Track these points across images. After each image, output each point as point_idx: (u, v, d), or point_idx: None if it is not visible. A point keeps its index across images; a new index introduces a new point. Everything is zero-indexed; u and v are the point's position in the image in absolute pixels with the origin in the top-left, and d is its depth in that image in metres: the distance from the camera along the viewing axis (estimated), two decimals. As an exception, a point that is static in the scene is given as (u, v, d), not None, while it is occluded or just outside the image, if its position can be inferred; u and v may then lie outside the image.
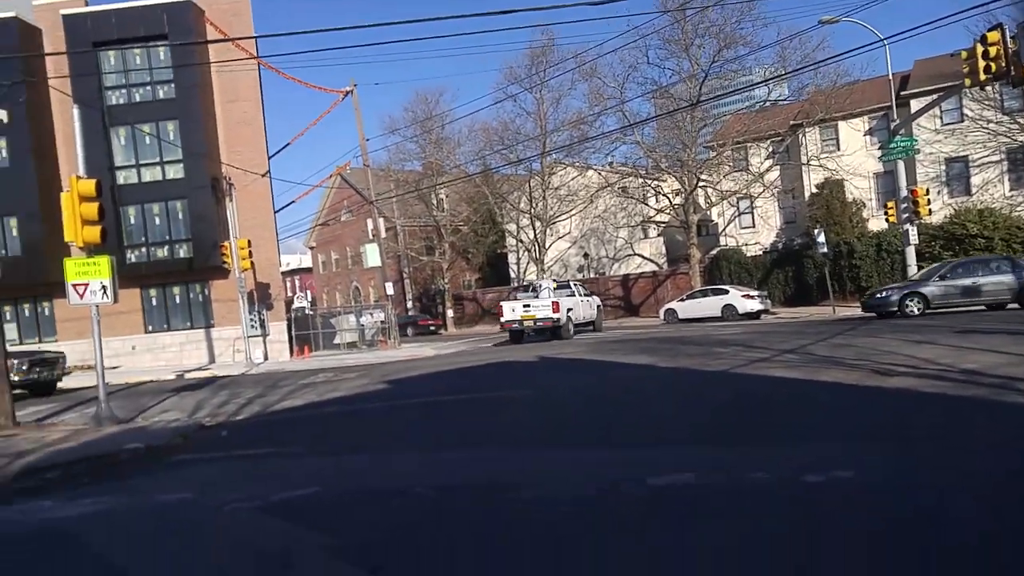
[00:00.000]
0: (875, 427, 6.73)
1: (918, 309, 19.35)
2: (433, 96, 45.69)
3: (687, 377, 11.42)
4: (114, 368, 22.91)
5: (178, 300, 26.52)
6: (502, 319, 24.62)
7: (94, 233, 10.98)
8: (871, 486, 4.89)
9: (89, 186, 10.98)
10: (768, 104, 36.36)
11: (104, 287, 10.80)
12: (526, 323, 23.97)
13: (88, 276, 10.78)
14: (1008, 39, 15.24)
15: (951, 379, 8.61)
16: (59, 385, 18.12)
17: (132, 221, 25.49)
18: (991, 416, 6.78)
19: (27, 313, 26.20)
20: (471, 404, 10.74)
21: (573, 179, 39.95)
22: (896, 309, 19.50)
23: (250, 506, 5.51)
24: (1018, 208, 28.90)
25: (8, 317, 25.36)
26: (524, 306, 24.13)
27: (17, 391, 15.96)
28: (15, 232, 24.62)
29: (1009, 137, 29.57)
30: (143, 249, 25.45)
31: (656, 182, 35.78)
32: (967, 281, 19.57)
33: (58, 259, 12.22)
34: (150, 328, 25.93)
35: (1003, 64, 15.28)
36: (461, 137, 45.56)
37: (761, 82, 34.47)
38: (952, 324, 15.64)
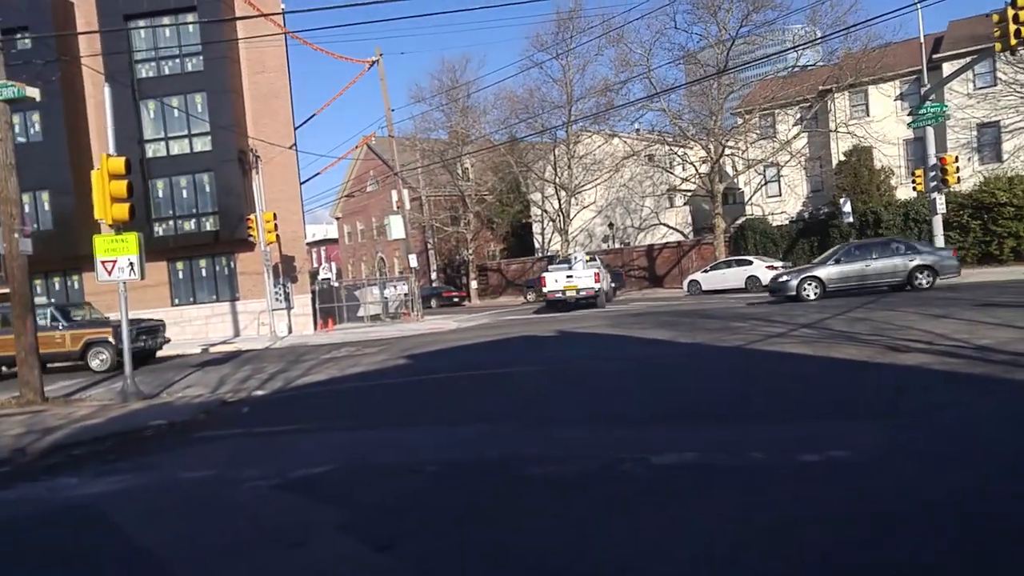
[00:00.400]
0: (878, 405, 6.78)
1: (815, 293, 18.98)
2: (460, 64, 45.68)
3: (702, 353, 11.51)
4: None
5: (204, 273, 26.98)
6: (545, 289, 25.71)
7: (123, 210, 11.23)
8: (863, 465, 4.99)
9: (119, 164, 11.22)
10: (797, 69, 35.58)
11: (132, 264, 11.11)
12: (568, 293, 25.08)
13: (116, 253, 11.08)
14: (1041, 2, 14.76)
15: (964, 356, 8.60)
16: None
17: (160, 194, 25.93)
18: (995, 393, 6.79)
19: (57, 287, 26.89)
20: (486, 380, 10.94)
21: (599, 147, 39.64)
22: (794, 293, 19.13)
23: (268, 483, 5.78)
24: (1051, 176, 28.06)
25: (39, 291, 26.05)
26: (567, 277, 25.33)
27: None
28: (47, 206, 25.18)
29: (1044, 102, 28.68)
30: (170, 222, 25.92)
31: (682, 150, 35.37)
32: (860, 264, 19.22)
33: (88, 233, 12.56)
34: (176, 301, 26.50)
35: (1035, 29, 14.82)
36: (487, 105, 45.41)
37: (791, 48, 33.72)
38: (974, 297, 15.44)
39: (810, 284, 19.11)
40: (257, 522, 4.95)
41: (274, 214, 24.18)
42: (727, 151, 33.79)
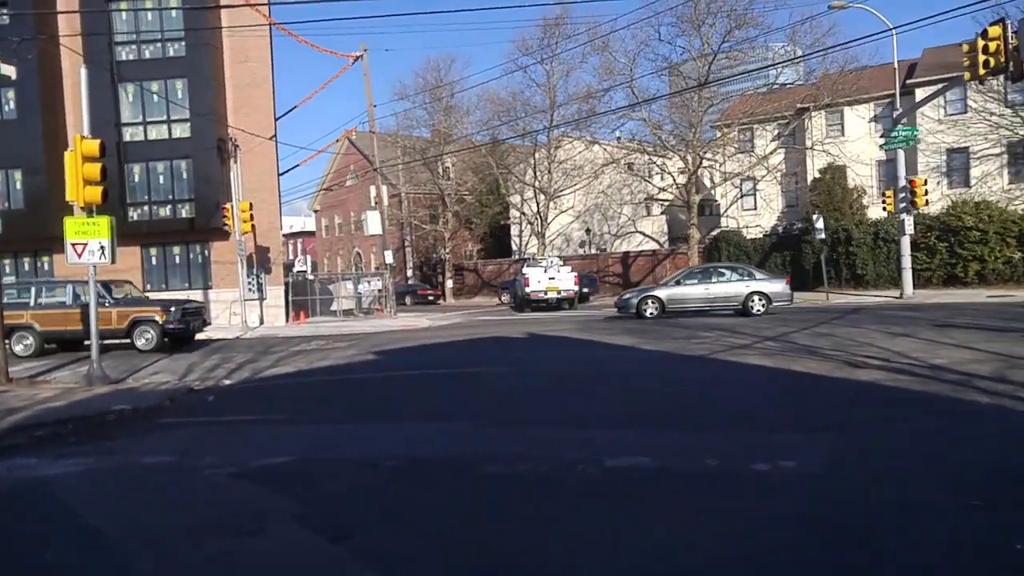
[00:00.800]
0: (830, 418, 6.99)
1: (653, 312, 19.74)
2: (445, 63, 45.64)
3: (665, 361, 11.70)
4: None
5: (178, 260, 26.75)
6: (528, 289, 26.59)
7: (95, 193, 11.09)
8: (809, 476, 5.17)
9: (93, 147, 11.08)
10: (776, 87, 36.15)
11: (103, 247, 10.99)
12: (550, 294, 26.38)
13: (87, 236, 10.95)
14: (1009, 34, 15.20)
15: (917, 374, 8.87)
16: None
17: (136, 179, 25.61)
18: (941, 410, 7.06)
19: (26, 267, 26.47)
20: (451, 379, 11.04)
21: (579, 153, 39.88)
22: (635, 311, 19.93)
23: (227, 471, 5.83)
24: (1015, 201, 28.90)
25: (8, 271, 25.61)
26: (550, 278, 26.41)
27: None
28: (19, 185, 24.78)
29: (1010, 130, 29.51)
30: (145, 207, 25.58)
31: (661, 160, 35.75)
32: (701, 288, 20.18)
33: (60, 214, 12.39)
34: (148, 287, 26.16)
35: (1002, 59, 15.26)
36: (470, 106, 45.39)
37: (770, 65, 34.27)
38: (936, 318, 15.85)
39: (651, 303, 19.94)
40: (213, 509, 5.01)
41: (250, 204, 24.06)
42: (705, 163, 34.23)
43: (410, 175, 45.75)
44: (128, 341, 16.52)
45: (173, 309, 16.87)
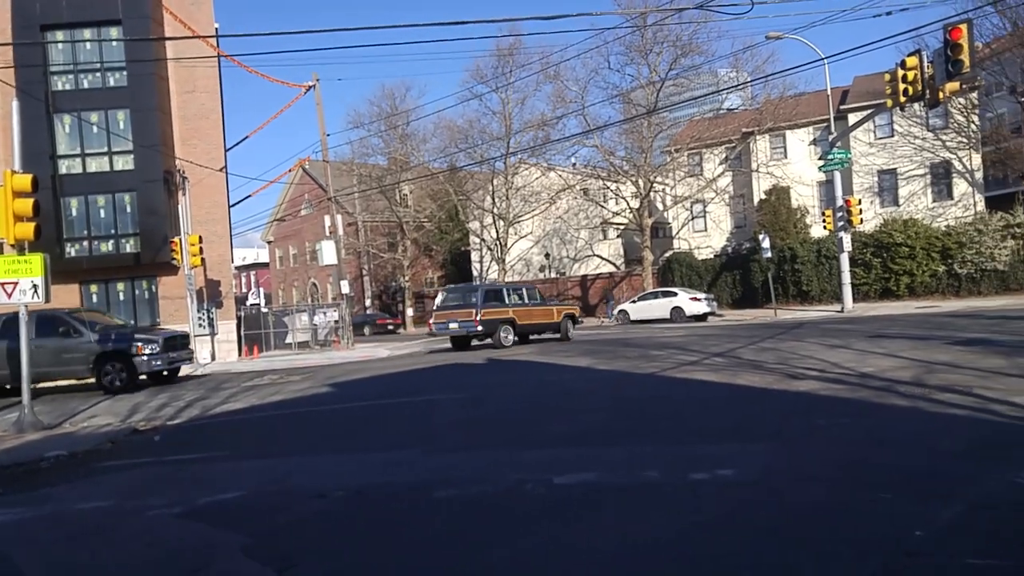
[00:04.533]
0: (768, 428, 7.31)
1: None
2: (400, 92, 45.91)
3: (617, 379, 11.97)
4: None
5: (122, 297, 25.71)
6: None
7: (27, 230, 10.66)
8: (744, 483, 5.41)
9: (24, 181, 10.69)
10: (722, 111, 37.38)
11: (35, 286, 10.52)
12: None
13: (18, 274, 10.49)
14: (925, 64, 16.15)
15: (848, 383, 9.30)
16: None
17: (74, 213, 24.46)
18: (865, 415, 7.44)
19: (-45, 307, 25.47)
20: (405, 407, 11.08)
21: (536, 180, 40.49)
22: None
23: (172, 512, 5.75)
24: (938, 219, 30.53)
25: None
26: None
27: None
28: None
29: (932, 152, 31.30)
30: (85, 243, 24.51)
31: (615, 185, 36.53)
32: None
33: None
34: (90, 325, 25.51)
35: (919, 87, 16.21)
36: (427, 134, 45.87)
37: (716, 91, 35.47)
38: (868, 329, 16.50)
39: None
40: (157, 549, 4.96)
41: (200, 237, 23.71)
42: (656, 187, 35.13)
43: (367, 203, 45.75)
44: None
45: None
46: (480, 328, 20.41)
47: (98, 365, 15.70)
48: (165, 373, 17.34)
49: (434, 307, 22.99)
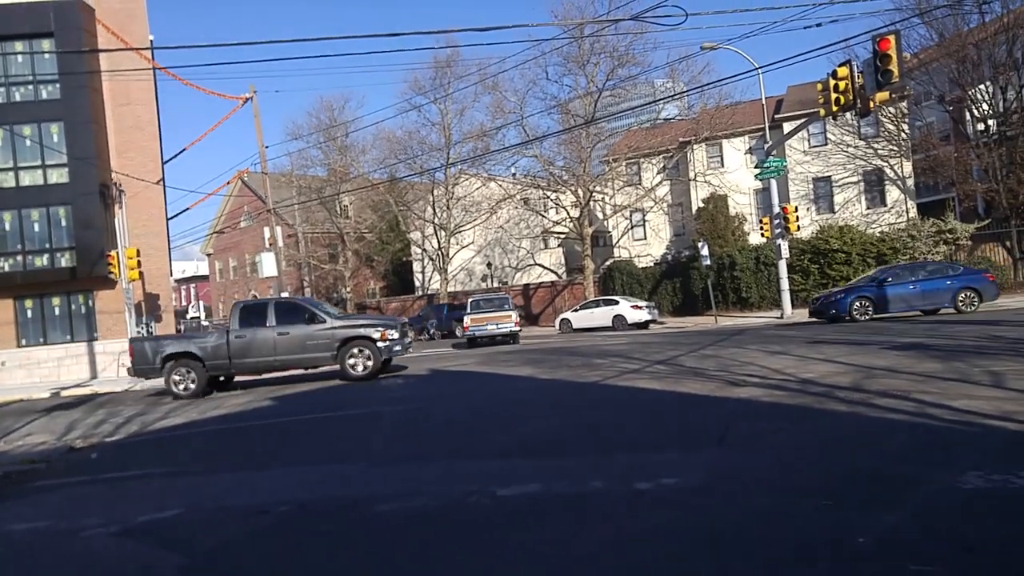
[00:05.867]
0: (710, 435, 7.43)
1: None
2: (338, 103, 45.50)
3: (560, 388, 12.04)
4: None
5: (57, 312, 25.28)
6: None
7: None
8: (687, 490, 5.50)
9: None
10: (660, 122, 38.16)
11: (-33, 303, 10.40)
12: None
13: (-51, 292, 10.37)
14: (856, 74, 16.78)
15: (789, 389, 9.55)
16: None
17: (7, 227, 24.14)
18: (807, 421, 7.64)
19: None
20: (347, 421, 10.94)
21: (477, 190, 40.56)
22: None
23: (108, 531, 5.61)
24: (872, 225, 31.68)
25: None
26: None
27: None
28: None
29: (865, 160, 32.48)
30: (18, 257, 24.17)
31: (555, 194, 36.90)
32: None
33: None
34: (24, 342, 24.63)
35: (851, 97, 16.81)
36: (366, 145, 45.54)
37: (652, 101, 36.18)
38: (808, 335, 17.02)
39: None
40: (92, 570, 4.84)
41: (137, 250, 23.10)
42: (596, 196, 35.57)
43: (307, 214, 45.11)
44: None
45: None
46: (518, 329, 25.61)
47: (341, 351, 15.76)
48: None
49: (467, 312, 26.71)
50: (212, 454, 9.32)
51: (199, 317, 39.97)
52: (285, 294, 28.58)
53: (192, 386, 15.68)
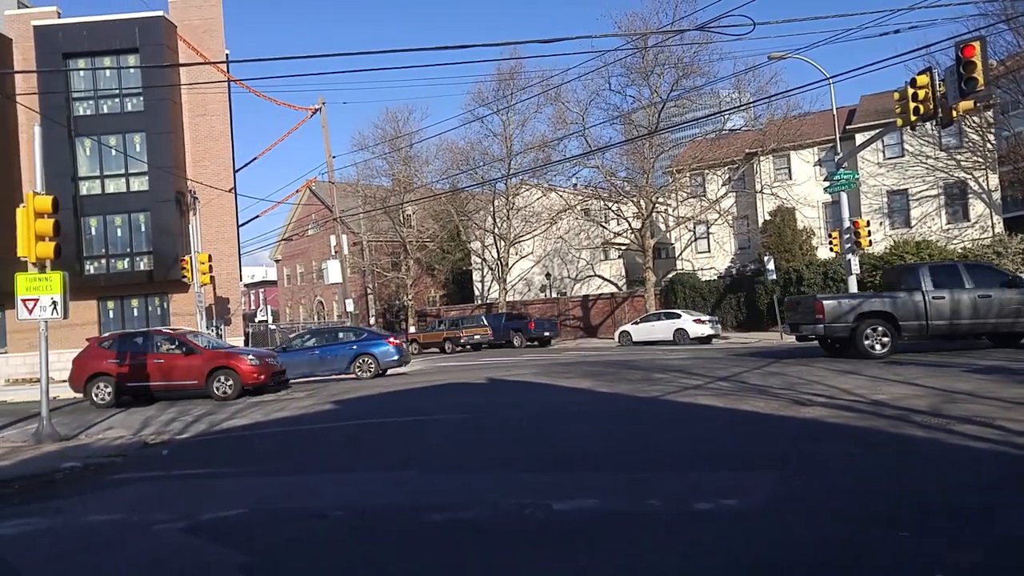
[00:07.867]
0: (773, 456, 7.18)
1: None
2: (403, 114, 46.31)
3: (619, 402, 11.88)
4: (64, 382, 22.71)
5: (136, 313, 26.49)
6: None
7: (48, 249, 11.12)
8: (748, 513, 5.32)
9: (45, 203, 11.11)
10: (725, 132, 37.49)
11: (55, 303, 10.97)
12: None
13: (39, 291, 10.95)
14: (937, 82, 16.05)
15: (859, 410, 9.17)
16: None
17: (93, 232, 25.56)
18: (878, 445, 7.30)
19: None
20: (406, 427, 11.04)
21: (537, 200, 40.64)
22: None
23: (176, 526, 5.81)
24: (953, 241, 30.17)
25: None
26: None
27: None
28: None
29: (946, 172, 31.00)
30: (103, 260, 25.54)
31: (616, 205, 36.62)
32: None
33: (13, 269, 12.34)
34: (104, 342, 25.77)
35: (931, 106, 16.06)
36: (429, 155, 46.14)
37: (717, 112, 35.59)
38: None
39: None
40: (159, 564, 4.99)
41: (209, 255, 24.02)
42: (658, 208, 35.14)
43: (371, 223, 45.98)
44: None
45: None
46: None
47: None
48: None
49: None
50: (274, 456, 9.54)
51: (267, 321, 41.10)
52: (349, 301, 29.19)
53: None
